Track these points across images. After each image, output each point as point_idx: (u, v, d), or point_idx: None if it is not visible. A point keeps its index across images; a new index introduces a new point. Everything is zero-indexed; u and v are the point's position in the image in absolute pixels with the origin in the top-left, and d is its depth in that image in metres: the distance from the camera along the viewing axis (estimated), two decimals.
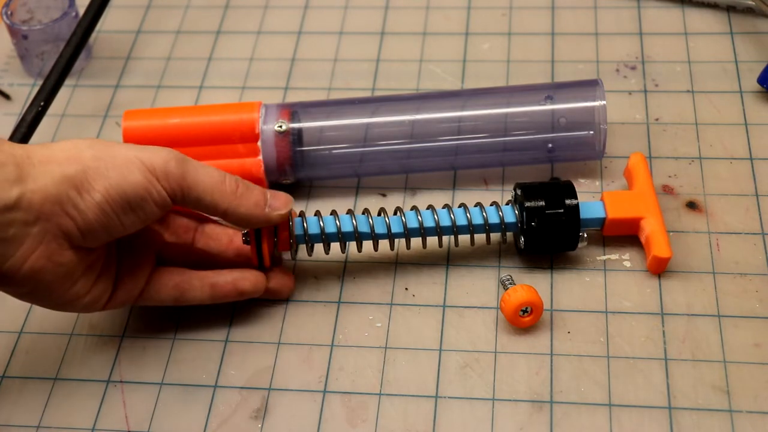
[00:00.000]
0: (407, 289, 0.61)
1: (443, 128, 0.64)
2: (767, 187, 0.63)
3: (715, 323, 0.57)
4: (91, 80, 0.77)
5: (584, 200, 0.60)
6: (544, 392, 0.55)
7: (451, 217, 0.59)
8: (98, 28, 0.78)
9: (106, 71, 0.77)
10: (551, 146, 0.64)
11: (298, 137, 0.64)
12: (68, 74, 0.68)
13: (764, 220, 0.61)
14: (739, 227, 0.61)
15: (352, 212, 0.59)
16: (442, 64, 0.74)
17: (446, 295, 0.60)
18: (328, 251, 0.60)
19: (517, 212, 0.59)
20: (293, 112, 0.65)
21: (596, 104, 0.63)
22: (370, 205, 0.65)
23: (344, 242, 0.59)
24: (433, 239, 0.60)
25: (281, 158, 0.64)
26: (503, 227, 0.59)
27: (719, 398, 0.54)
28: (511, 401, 0.55)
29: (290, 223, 0.58)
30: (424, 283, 0.61)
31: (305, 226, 0.58)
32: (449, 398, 0.55)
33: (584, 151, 0.64)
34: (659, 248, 0.58)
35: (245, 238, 0.58)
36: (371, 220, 0.59)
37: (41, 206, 0.49)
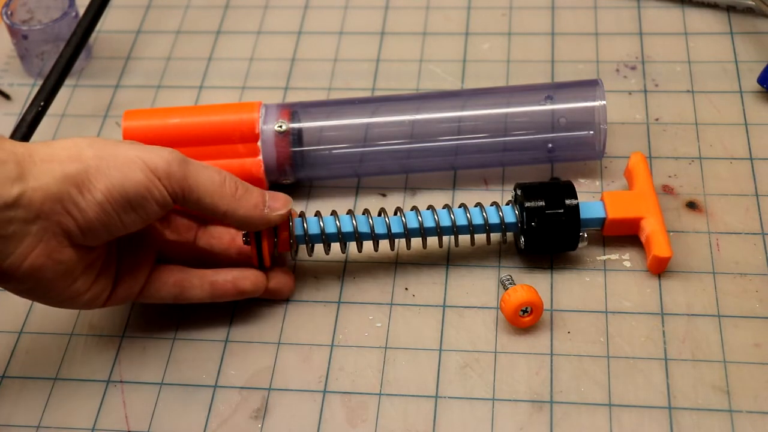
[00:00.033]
0: (407, 289, 0.61)
1: (443, 128, 0.64)
2: (767, 187, 0.63)
3: (715, 323, 0.57)
4: (91, 80, 0.77)
5: (584, 200, 0.60)
6: (544, 392, 0.55)
7: (451, 217, 0.59)
8: (98, 28, 0.78)
9: (106, 71, 0.77)
10: (551, 146, 0.64)
11: (298, 137, 0.64)
12: (68, 74, 0.68)
13: (764, 220, 0.61)
14: (739, 227, 0.61)
15: (352, 212, 0.59)
16: (442, 64, 0.74)
17: (446, 295, 0.60)
18: (328, 251, 0.60)
19: (517, 212, 0.59)
20: (293, 112, 0.65)
21: (596, 104, 0.63)
22: (370, 205, 0.65)
23: (344, 242, 0.59)
24: (433, 239, 0.60)
25: (281, 158, 0.64)
26: (503, 227, 0.59)
27: (719, 398, 0.54)
28: (511, 401, 0.55)
29: (290, 223, 0.58)
30: (424, 283, 0.61)
31: (305, 226, 0.58)
32: (449, 398, 0.55)
33: (584, 151, 0.64)
34: (659, 248, 0.58)
35: (245, 238, 0.58)
36: (371, 220, 0.59)
37: (42, 204, 0.49)
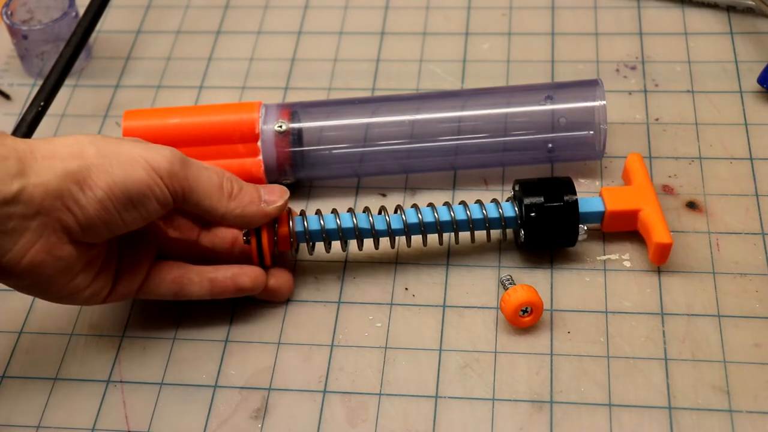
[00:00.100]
0: (407, 289, 0.61)
1: (443, 128, 0.64)
2: (767, 187, 0.63)
3: (715, 323, 0.57)
4: (91, 80, 0.77)
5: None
6: (544, 392, 0.55)
7: (450, 213, 0.59)
8: (98, 28, 0.78)
9: (106, 71, 0.77)
10: (551, 146, 0.64)
11: (298, 137, 0.64)
12: (68, 74, 0.68)
13: (764, 220, 0.61)
14: (739, 227, 0.61)
15: (352, 210, 0.59)
16: (442, 64, 0.74)
17: (446, 295, 0.60)
18: (329, 249, 0.60)
19: (516, 208, 0.59)
20: (293, 112, 0.65)
21: (596, 104, 0.63)
22: (370, 205, 0.65)
23: (345, 240, 0.59)
24: (433, 237, 0.60)
25: (281, 158, 0.64)
26: (503, 223, 0.59)
27: (719, 398, 0.54)
28: (511, 401, 0.55)
29: (290, 221, 0.58)
30: (424, 283, 0.61)
31: (305, 223, 0.59)
32: (449, 398, 0.55)
33: (584, 151, 0.64)
34: (660, 235, 0.58)
35: (245, 237, 0.58)
36: (371, 217, 0.59)
37: (42, 201, 0.49)
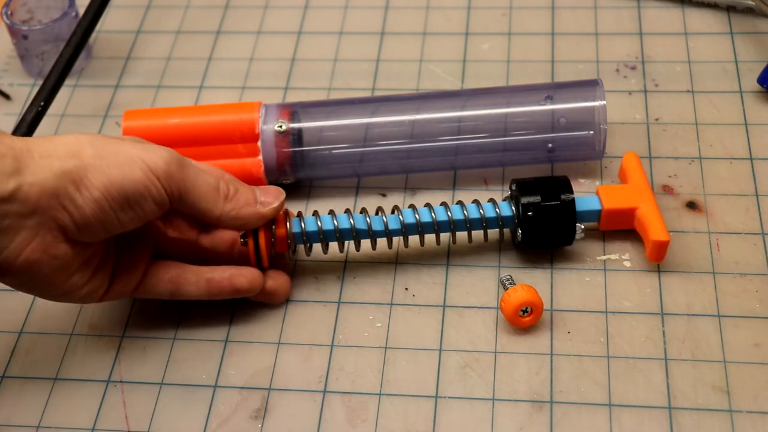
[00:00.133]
0: (407, 289, 0.61)
1: (443, 128, 0.64)
2: (767, 187, 0.63)
3: (715, 323, 0.57)
4: (91, 80, 0.77)
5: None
6: (544, 392, 0.55)
7: (448, 213, 0.59)
8: (98, 28, 0.78)
9: (106, 71, 0.77)
10: (551, 146, 0.64)
11: (298, 137, 0.64)
12: (68, 74, 0.68)
13: (764, 220, 0.61)
14: (739, 227, 0.61)
15: (349, 211, 0.59)
16: (442, 64, 0.74)
17: (446, 295, 0.60)
18: (326, 250, 0.60)
19: (513, 207, 0.59)
20: (293, 112, 0.65)
21: (596, 104, 0.63)
22: (369, 205, 0.65)
23: (342, 241, 0.59)
24: (431, 237, 0.60)
25: (281, 158, 0.64)
26: (500, 222, 0.59)
27: (719, 398, 0.54)
28: (511, 401, 0.55)
29: (287, 223, 0.58)
30: (424, 283, 0.61)
31: (303, 225, 0.58)
32: (449, 398, 0.55)
33: (584, 151, 0.64)
34: (657, 233, 0.58)
35: (243, 240, 0.58)
36: (369, 218, 0.59)
37: (38, 199, 0.49)
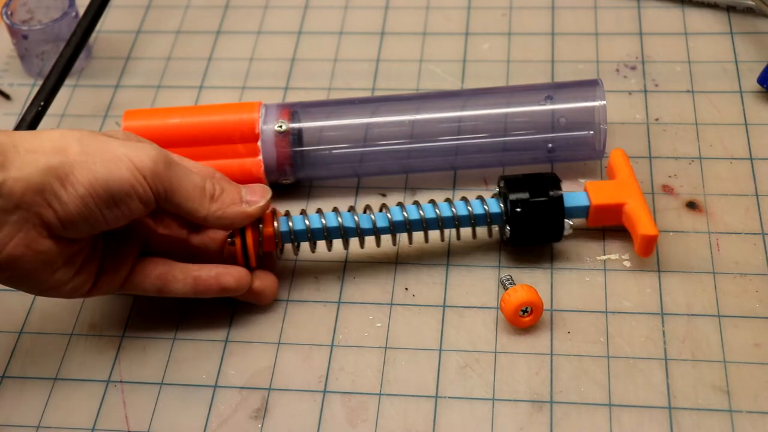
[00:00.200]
0: (407, 289, 0.61)
1: (443, 128, 0.64)
2: (767, 187, 0.63)
3: (715, 323, 0.57)
4: (91, 80, 0.77)
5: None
6: (544, 392, 0.55)
7: (436, 210, 0.59)
8: (98, 28, 0.78)
9: (106, 71, 0.77)
10: (551, 146, 0.64)
11: (298, 137, 0.64)
12: (68, 74, 0.68)
13: (764, 220, 0.61)
14: (739, 227, 0.61)
15: (337, 210, 0.59)
16: (442, 64, 0.74)
17: (446, 295, 0.60)
18: (314, 249, 0.60)
19: (501, 204, 0.59)
20: (293, 112, 0.65)
21: (596, 104, 0.63)
22: (369, 205, 0.64)
23: (330, 240, 0.59)
24: (419, 234, 0.60)
25: (281, 158, 0.64)
26: (489, 219, 0.59)
27: (719, 398, 0.54)
28: (511, 401, 0.55)
29: (274, 222, 0.58)
30: (424, 283, 0.61)
31: (290, 224, 0.58)
32: (449, 398, 0.55)
33: (584, 151, 0.64)
34: (644, 227, 0.57)
35: (230, 240, 0.58)
36: (356, 216, 0.59)
37: (22, 195, 0.49)
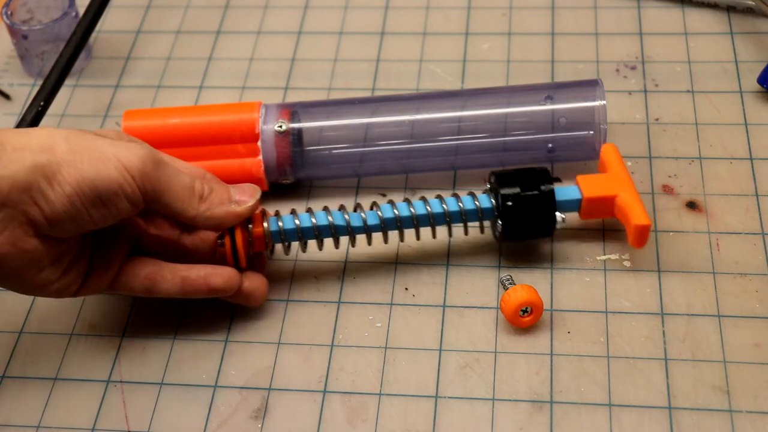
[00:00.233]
0: (407, 289, 0.61)
1: (443, 128, 0.64)
2: (767, 187, 0.63)
3: (715, 323, 0.57)
4: (91, 80, 0.77)
5: None
6: (544, 392, 0.55)
7: (427, 207, 0.59)
8: (98, 28, 0.78)
9: (106, 71, 0.77)
10: (551, 146, 0.64)
11: (298, 137, 0.64)
12: (68, 74, 0.68)
13: (764, 220, 0.61)
14: (739, 227, 0.61)
15: (327, 209, 0.59)
16: (442, 64, 0.74)
17: (446, 295, 0.60)
18: (304, 249, 0.60)
19: (492, 199, 0.59)
20: (293, 112, 0.65)
21: (596, 104, 0.63)
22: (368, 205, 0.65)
23: (321, 239, 0.59)
24: (410, 231, 0.59)
25: (281, 158, 0.64)
26: (480, 214, 0.59)
27: (719, 398, 0.54)
28: (511, 401, 0.55)
29: (264, 222, 0.58)
30: (424, 283, 0.61)
31: (280, 224, 0.58)
32: (449, 398, 0.55)
33: (584, 151, 0.64)
34: (637, 217, 0.57)
35: (220, 241, 0.58)
36: (347, 215, 0.59)
37: (8, 193, 0.49)
